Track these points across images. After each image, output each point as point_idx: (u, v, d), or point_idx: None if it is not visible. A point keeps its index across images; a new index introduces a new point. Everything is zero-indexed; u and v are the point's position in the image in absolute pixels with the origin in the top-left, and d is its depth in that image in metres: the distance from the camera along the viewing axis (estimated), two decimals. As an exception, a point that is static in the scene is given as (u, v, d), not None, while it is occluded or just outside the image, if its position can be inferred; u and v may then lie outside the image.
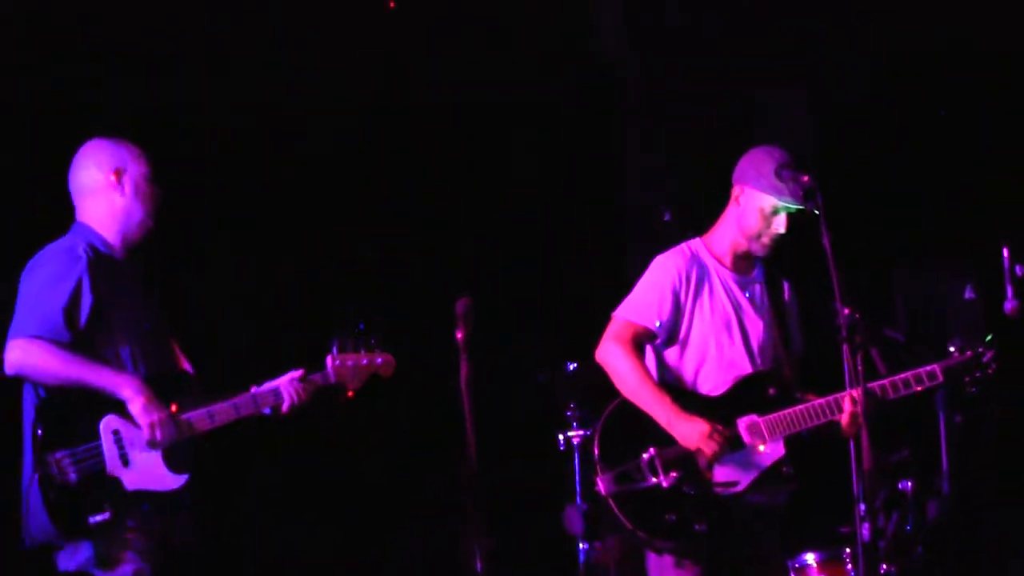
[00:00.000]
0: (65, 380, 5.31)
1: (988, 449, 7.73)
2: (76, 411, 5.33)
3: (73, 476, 5.24)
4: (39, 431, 5.28)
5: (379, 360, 5.80)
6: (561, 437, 7.32)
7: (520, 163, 8.46)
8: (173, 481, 5.41)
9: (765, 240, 5.83)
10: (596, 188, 8.65)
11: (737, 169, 5.93)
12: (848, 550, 6.91)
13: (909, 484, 7.10)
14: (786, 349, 5.93)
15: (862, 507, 5.24)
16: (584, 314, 6.03)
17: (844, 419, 5.67)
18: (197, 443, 5.50)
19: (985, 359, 5.79)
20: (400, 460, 8.07)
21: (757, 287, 5.98)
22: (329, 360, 5.72)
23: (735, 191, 5.91)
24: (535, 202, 8.45)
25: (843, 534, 6.92)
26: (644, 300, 5.88)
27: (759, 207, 5.82)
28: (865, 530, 5.24)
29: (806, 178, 5.56)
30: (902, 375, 5.73)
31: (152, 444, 5.35)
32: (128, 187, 5.60)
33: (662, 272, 5.91)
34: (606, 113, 8.80)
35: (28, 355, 5.30)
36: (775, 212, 5.79)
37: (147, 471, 5.37)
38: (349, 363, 5.74)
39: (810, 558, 6.93)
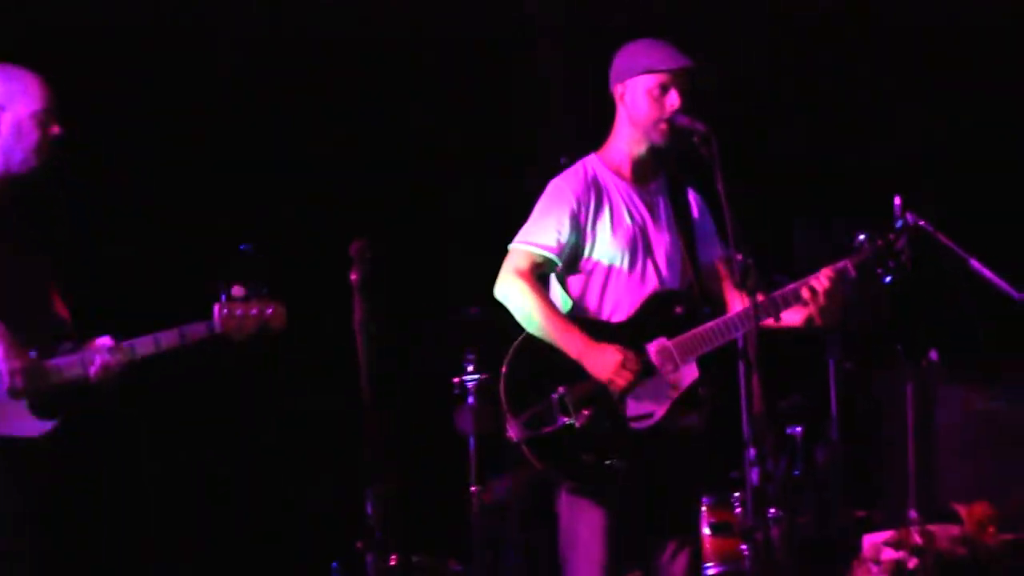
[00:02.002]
0: None
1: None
2: None
3: None
4: None
5: (268, 310, 5.58)
6: (456, 381, 7.33)
7: (421, 104, 8.43)
8: (37, 427, 5.27)
9: (663, 125, 5.57)
10: (496, 128, 8.64)
11: (612, 73, 5.70)
12: (737, 494, 7.01)
13: (798, 429, 7.18)
14: (694, 264, 5.70)
15: (751, 452, 5.24)
16: (485, 258, 5.91)
17: (814, 307, 5.51)
18: (70, 390, 5.34)
19: (898, 246, 5.66)
20: (293, 404, 8.06)
21: (660, 199, 5.74)
22: (216, 309, 5.51)
23: (617, 93, 5.67)
24: (435, 144, 8.44)
25: (732, 479, 7.01)
26: (541, 227, 5.61)
27: (645, 91, 5.59)
28: (754, 475, 5.25)
29: (700, 125, 5.48)
30: (812, 276, 5.55)
31: (12, 392, 5.20)
32: (6, 127, 5.35)
33: (558, 195, 5.65)
34: (521, 60, 8.80)
35: None
36: (663, 89, 5.57)
37: (9, 416, 5.23)
38: (237, 312, 5.51)
39: (699, 502, 7.01)
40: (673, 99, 5.57)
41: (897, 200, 5.87)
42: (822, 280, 5.55)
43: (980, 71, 8.56)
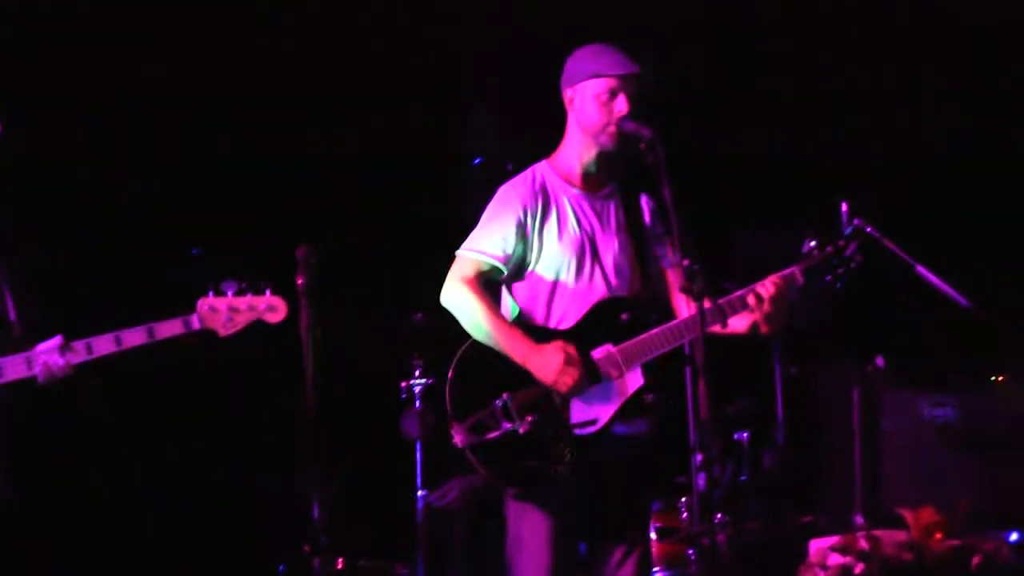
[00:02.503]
0: None
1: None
2: None
3: None
4: None
5: (263, 304, 5.60)
6: (404, 385, 7.31)
7: (366, 109, 8.41)
8: None
9: (612, 128, 5.56)
10: (440, 136, 8.63)
11: (562, 78, 5.70)
12: (684, 499, 7.01)
13: (745, 435, 7.20)
14: (643, 270, 5.69)
15: (698, 457, 5.24)
16: (429, 263, 5.90)
17: (760, 314, 5.51)
18: (12, 392, 5.31)
19: (848, 252, 5.66)
20: (239, 408, 8.03)
21: (611, 205, 5.72)
22: (199, 303, 5.52)
23: (566, 98, 5.67)
24: (381, 149, 8.42)
25: (679, 483, 7.02)
26: (488, 234, 5.60)
27: (593, 95, 5.58)
28: (701, 480, 5.26)
29: (646, 131, 5.48)
30: (759, 283, 5.55)
31: None
32: None
33: (505, 203, 5.64)
34: (451, 60, 8.79)
35: None
36: (612, 94, 5.56)
37: None
38: (221, 307, 5.52)
39: (646, 507, 7.02)
40: (621, 104, 5.57)
41: (844, 206, 5.89)
42: (768, 287, 5.55)
43: (922, 69, 8.60)
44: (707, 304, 5.30)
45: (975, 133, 8.48)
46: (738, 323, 5.59)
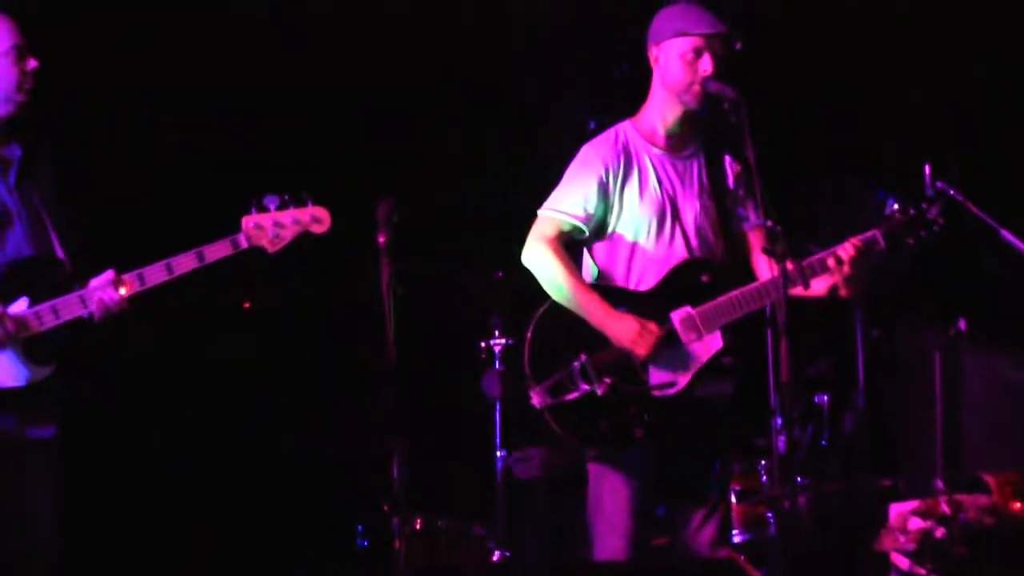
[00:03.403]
0: None
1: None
2: None
3: None
4: None
5: (307, 216, 5.48)
6: (483, 345, 7.31)
7: (447, 68, 8.39)
8: (28, 375, 5.19)
9: (696, 88, 5.54)
10: (523, 95, 8.60)
11: (648, 37, 5.68)
12: (763, 462, 6.99)
13: (825, 398, 7.15)
14: (725, 232, 5.69)
15: (778, 420, 5.22)
16: (511, 222, 5.88)
17: (839, 276, 5.49)
18: (66, 333, 5.26)
19: (930, 215, 5.61)
20: (321, 365, 8.06)
21: (694, 165, 5.71)
22: (244, 221, 5.43)
23: (652, 56, 5.65)
24: (462, 109, 8.40)
25: (758, 446, 6.99)
26: (569, 194, 5.60)
27: (679, 54, 5.56)
28: (781, 442, 5.23)
29: (730, 91, 5.46)
30: (839, 245, 5.51)
31: None
32: None
33: (587, 162, 5.62)
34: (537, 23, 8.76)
35: None
36: (697, 53, 5.54)
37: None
38: (266, 222, 5.42)
39: (725, 469, 7.00)
40: (706, 64, 5.55)
41: (927, 168, 5.84)
42: (848, 249, 5.52)
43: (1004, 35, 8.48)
44: (789, 266, 5.27)
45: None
46: (818, 285, 5.56)
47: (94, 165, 7.24)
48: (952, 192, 5.82)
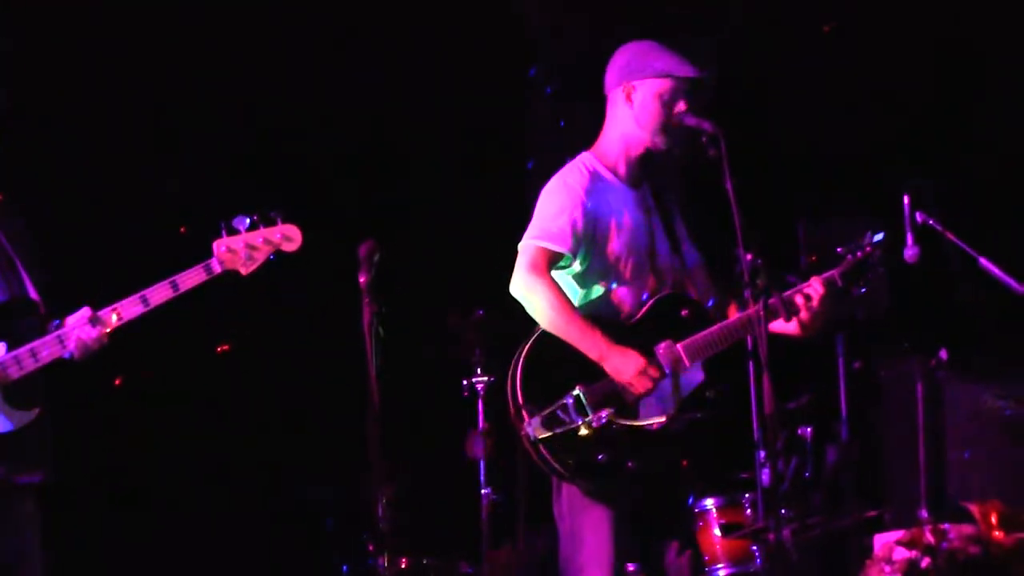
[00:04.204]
0: None
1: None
2: None
3: None
4: None
5: (277, 235, 5.34)
6: (465, 383, 7.31)
7: (427, 109, 8.42)
8: (13, 420, 5.11)
9: (671, 127, 5.58)
10: (502, 134, 8.63)
11: (617, 71, 5.68)
12: (748, 495, 6.99)
13: (809, 430, 7.16)
14: (684, 265, 5.72)
15: (761, 453, 5.22)
16: (492, 260, 5.87)
17: (806, 314, 5.53)
18: (40, 378, 5.18)
19: (874, 259, 5.66)
20: (301, 406, 8.06)
21: (649, 199, 5.73)
22: (215, 245, 5.28)
23: (624, 90, 5.63)
24: (442, 149, 8.43)
25: (742, 479, 7.00)
26: (554, 223, 5.53)
27: (657, 94, 5.58)
28: (765, 476, 5.23)
29: (708, 125, 5.48)
30: (804, 284, 5.56)
31: None
32: None
33: (565, 192, 5.58)
34: (514, 58, 8.78)
35: None
36: (676, 95, 5.57)
37: None
38: (238, 245, 5.28)
39: (709, 503, 7.00)
40: (681, 106, 5.59)
41: (906, 199, 5.87)
42: (817, 288, 5.57)
43: (982, 61, 8.54)
44: (772, 300, 5.29)
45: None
46: (785, 324, 5.60)
47: (60, 201, 7.25)
48: (931, 222, 5.86)
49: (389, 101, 8.35)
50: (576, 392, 5.41)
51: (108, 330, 5.20)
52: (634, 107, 5.65)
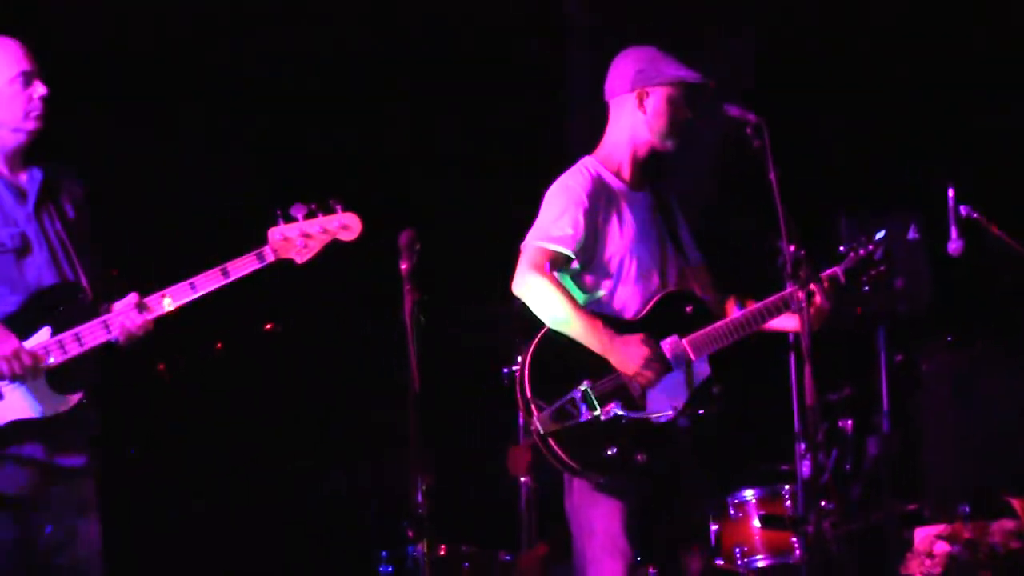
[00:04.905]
0: None
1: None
2: None
3: None
4: None
5: (335, 223, 5.30)
6: (505, 371, 7.31)
7: (470, 97, 8.43)
8: (55, 404, 5.09)
9: (679, 129, 5.70)
10: (543, 125, 8.63)
11: (627, 77, 5.75)
12: (787, 487, 6.98)
13: (849, 422, 7.15)
14: (686, 264, 5.79)
15: (802, 445, 5.22)
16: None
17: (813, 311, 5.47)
18: (89, 361, 5.15)
19: (876, 256, 5.72)
20: (344, 393, 8.08)
21: (651, 201, 5.80)
22: (270, 233, 5.24)
23: (637, 95, 5.71)
24: (485, 136, 8.44)
25: (783, 471, 6.99)
26: (557, 224, 5.61)
27: (667, 99, 5.68)
28: (805, 468, 5.23)
29: (752, 116, 5.49)
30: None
31: (13, 377, 5.03)
32: None
33: (569, 194, 5.65)
34: (556, 51, 8.78)
35: None
36: (687, 99, 5.68)
37: (19, 402, 5.06)
38: (293, 234, 5.23)
39: (749, 494, 7.00)
40: (688, 109, 5.69)
41: (951, 192, 5.85)
42: (824, 284, 5.62)
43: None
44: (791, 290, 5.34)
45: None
46: (786, 321, 5.67)
47: (113, 186, 7.27)
48: (975, 215, 5.84)
49: (434, 93, 8.35)
50: (583, 387, 5.48)
51: (153, 316, 5.18)
52: (647, 112, 5.73)
